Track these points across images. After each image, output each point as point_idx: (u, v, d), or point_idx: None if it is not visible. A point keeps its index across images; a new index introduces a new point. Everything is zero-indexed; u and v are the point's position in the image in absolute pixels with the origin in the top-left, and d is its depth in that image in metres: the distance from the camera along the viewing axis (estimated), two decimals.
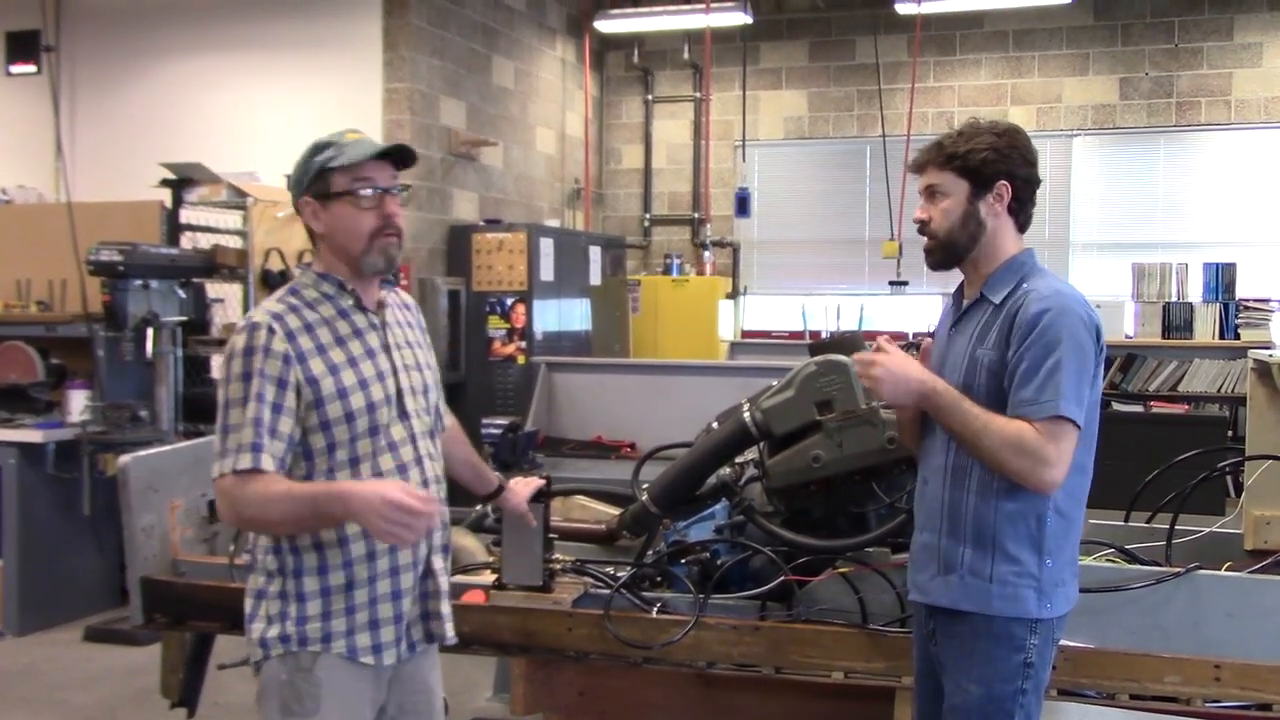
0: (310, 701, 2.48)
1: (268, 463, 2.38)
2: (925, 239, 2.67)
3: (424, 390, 2.65)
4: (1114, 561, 3.25)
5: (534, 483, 3.17)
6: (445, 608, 2.66)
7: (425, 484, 2.58)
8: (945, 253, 2.66)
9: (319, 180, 2.51)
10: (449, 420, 2.93)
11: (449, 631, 2.68)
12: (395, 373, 2.57)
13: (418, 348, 2.70)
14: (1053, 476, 2.46)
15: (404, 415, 2.57)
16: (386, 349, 2.58)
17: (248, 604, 2.56)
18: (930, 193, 2.64)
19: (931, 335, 2.86)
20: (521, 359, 8.30)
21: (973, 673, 2.55)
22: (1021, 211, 2.65)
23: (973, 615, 2.55)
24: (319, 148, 2.52)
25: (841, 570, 3.13)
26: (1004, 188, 2.60)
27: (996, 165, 2.59)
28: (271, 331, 2.44)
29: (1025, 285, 2.58)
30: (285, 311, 2.49)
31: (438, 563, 2.64)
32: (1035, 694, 2.58)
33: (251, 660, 2.57)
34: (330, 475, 2.47)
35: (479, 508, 3.78)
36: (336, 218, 2.51)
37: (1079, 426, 2.48)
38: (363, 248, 2.51)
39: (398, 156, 2.56)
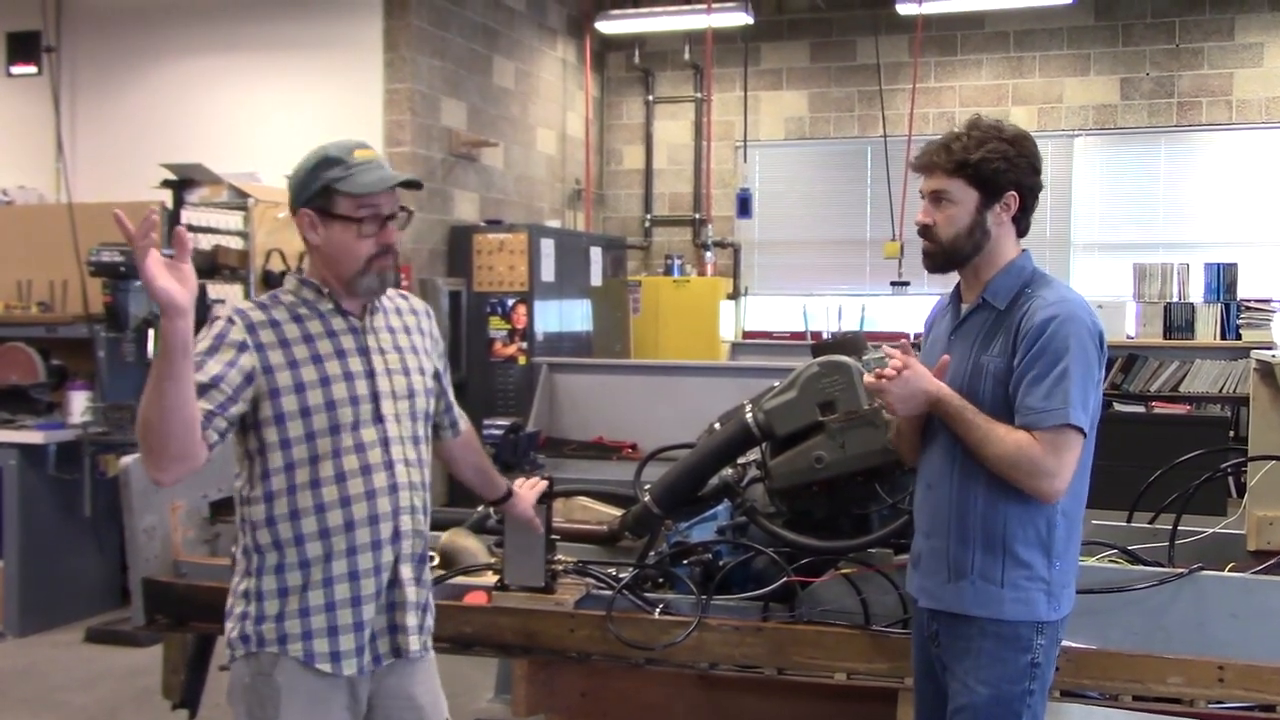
0: (270, 707, 2.44)
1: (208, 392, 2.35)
2: (925, 242, 2.64)
3: (408, 395, 2.60)
4: (1117, 562, 3.24)
5: (538, 485, 3.16)
6: (412, 620, 2.58)
7: (394, 489, 2.53)
8: (946, 259, 2.63)
9: (322, 195, 2.48)
10: (464, 425, 2.93)
11: (413, 645, 2.59)
12: (372, 375, 2.54)
13: (410, 353, 2.65)
14: (1053, 487, 2.46)
15: (379, 418, 2.53)
16: (364, 351, 2.55)
17: (228, 601, 2.56)
18: (936, 198, 2.60)
19: (917, 338, 2.84)
20: (523, 360, 8.30)
21: (980, 674, 2.55)
22: (1024, 219, 2.64)
23: (980, 618, 2.54)
24: (327, 162, 2.48)
25: (844, 571, 3.13)
26: (1012, 198, 2.58)
27: (1007, 176, 2.55)
28: (230, 322, 2.45)
29: (1029, 291, 2.57)
30: (251, 308, 2.50)
31: (406, 572, 2.56)
32: (1041, 694, 2.58)
33: (227, 664, 2.56)
34: (288, 471, 2.45)
35: (481, 509, 3.77)
36: (335, 237, 2.50)
37: (1084, 434, 2.48)
38: (359, 269, 2.51)
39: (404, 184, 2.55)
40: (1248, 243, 9.52)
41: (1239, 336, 8.16)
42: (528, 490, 3.12)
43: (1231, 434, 7.30)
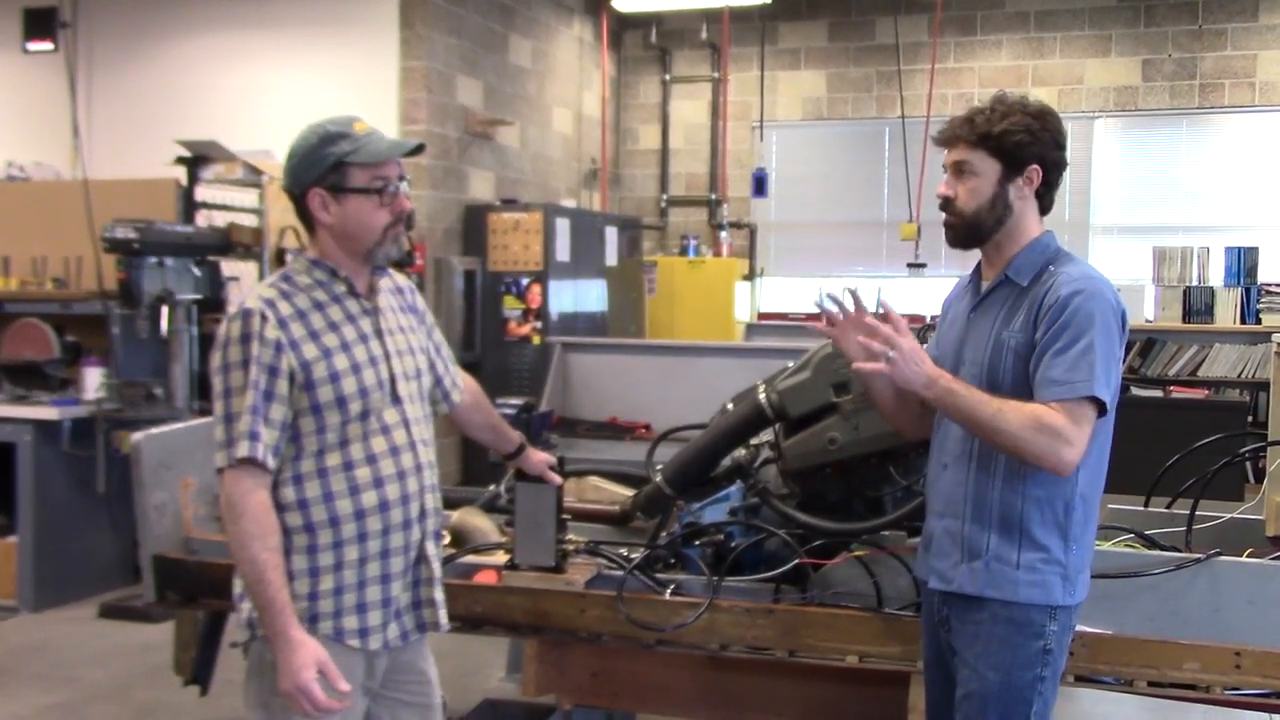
0: None
1: (263, 452, 2.38)
2: (947, 215, 2.61)
3: (416, 375, 2.65)
4: (1133, 547, 3.21)
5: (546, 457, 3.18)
6: (439, 594, 2.65)
7: (419, 469, 2.57)
8: (969, 232, 2.60)
9: (333, 173, 2.48)
10: (468, 381, 2.97)
11: (443, 619, 2.66)
12: (388, 358, 2.56)
13: (410, 332, 2.68)
14: (1071, 456, 2.41)
15: (397, 400, 2.56)
16: (379, 334, 2.57)
17: (237, 584, 2.54)
18: (958, 169, 2.57)
19: (933, 320, 2.81)
20: (537, 339, 8.29)
21: (991, 659, 2.52)
22: (1047, 195, 2.61)
23: (993, 602, 2.52)
24: (331, 138, 2.48)
25: (857, 553, 3.11)
26: (1035, 172, 2.55)
27: (1030, 148, 2.53)
28: (264, 318, 2.42)
29: (1053, 268, 2.54)
30: (277, 297, 2.48)
31: (431, 549, 2.62)
32: (1053, 681, 2.55)
33: (239, 642, 2.56)
34: (319, 456, 2.46)
35: (492, 487, 3.77)
36: (351, 212, 2.50)
37: (1105, 411, 2.44)
38: (377, 240, 2.52)
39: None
40: (1269, 226, 9.43)
41: (1259, 321, 8.11)
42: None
43: (1250, 419, 7.26)
